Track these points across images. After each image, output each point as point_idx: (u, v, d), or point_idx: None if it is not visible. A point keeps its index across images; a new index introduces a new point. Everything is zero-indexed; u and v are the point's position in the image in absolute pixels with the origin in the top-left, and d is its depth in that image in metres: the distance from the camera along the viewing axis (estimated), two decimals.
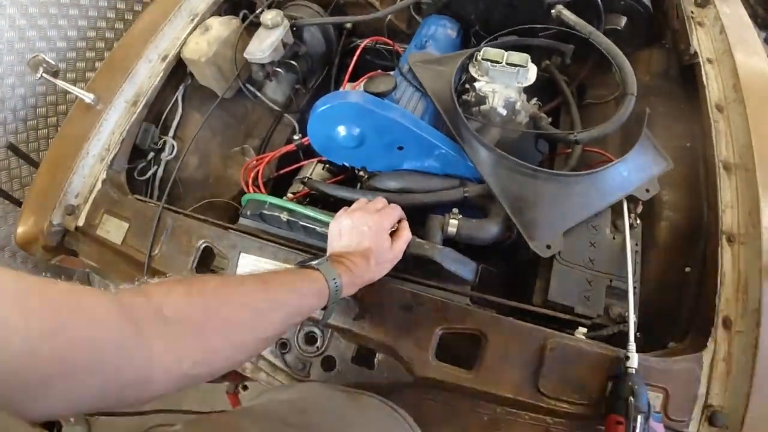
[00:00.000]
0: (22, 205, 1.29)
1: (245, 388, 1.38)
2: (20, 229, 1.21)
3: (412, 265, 0.94)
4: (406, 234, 0.91)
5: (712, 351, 0.84)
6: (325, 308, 0.77)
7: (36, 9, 1.67)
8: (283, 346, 0.99)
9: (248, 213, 1.09)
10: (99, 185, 1.22)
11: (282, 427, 0.60)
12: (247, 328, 0.62)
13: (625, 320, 0.87)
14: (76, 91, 1.26)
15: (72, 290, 0.46)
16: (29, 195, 1.28)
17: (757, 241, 0.89)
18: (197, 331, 0.56)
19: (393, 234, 0.90)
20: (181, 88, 1.44)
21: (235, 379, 1.31)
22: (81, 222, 1.20)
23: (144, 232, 1.11)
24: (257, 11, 1.43)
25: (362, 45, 1.35)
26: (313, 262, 0.78)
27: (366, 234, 0.85)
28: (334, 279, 0.75)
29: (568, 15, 1.17)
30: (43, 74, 1.21)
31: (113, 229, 1.16)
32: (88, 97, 1.27)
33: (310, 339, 0.99)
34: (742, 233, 0.93)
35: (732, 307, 0.87)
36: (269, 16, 1.29)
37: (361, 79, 1.17)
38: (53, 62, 1.23)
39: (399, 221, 0.93)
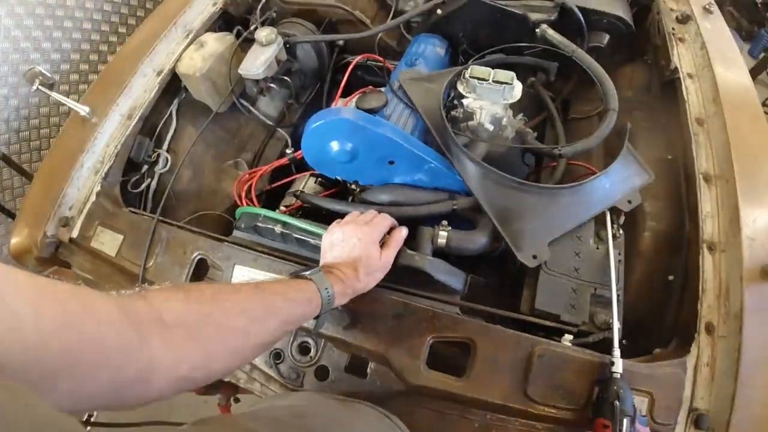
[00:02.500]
0: (15, 217, 1.29)
1: (237, 400, 1.38)
2: (14, 240, 1.21)
3: (403, 276, 0.96)
4: (395, 243, 0.93)
5: (695, 356, 0.86)
6: (318, 317, 0.79)
7: (31, 21, 1.69)
8: (276, 356, 1.00)
9: (242, 225, 1.11)
10: (93, 197, 1.23)
11: (286, 428, 0.62)
12: (243, 334, 0.64)
13: (609, 327, 0.90)
14: (71, 103, 1.28)
15: (79, 290, 0.48)
16: (23, 206, 1.28)
17: (737, 249, 0.92)
18: (195, 335, 0.58)
19: (384, 244, 0.93)
20: (176, 102, 1.46)
21: (227, 391, 1.31)
22: (75, 234, 1.20)
23: (138, 244, 1.12)
24: (251, 28, 1.46)
25: (354, 62, 1.38)
26: (306, 273, 0.80)
27: (356, 245, 0.87)
28: (326, 289, 0.77)
29: (552, 34, 1.21)
30: (39, 86, 1.23)
31: (107, 241, 1.16)
32: (83, 110, 1.28)
33: (304, 349, 1.00)
34: (723, 242, 0.96)
35: (714, 313, 0.90)
36: (263, 34, 1.32)
37: (352, 96, 1.20)
38: (49, 74, 1.25)
39: (391, 230, 0.95)
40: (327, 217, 1.03)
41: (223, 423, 0.61)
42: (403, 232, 0.96)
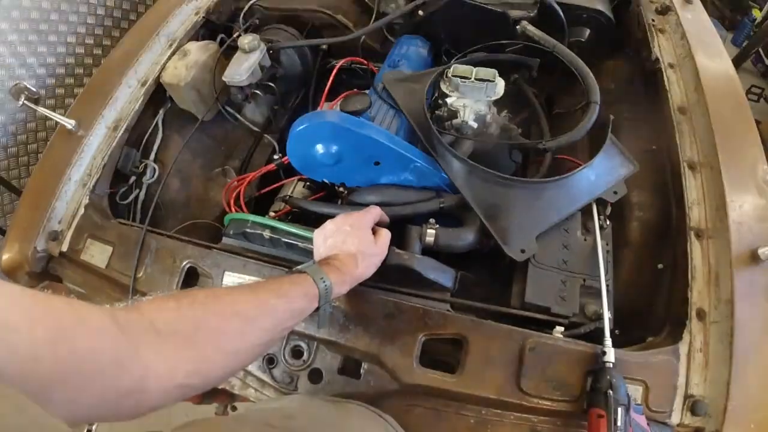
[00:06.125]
0: (5, 233, 1.29)
1: (234, 408, 1.38)
2: (5, 256, 1.21)
3: (393, 275, 0.96)
4: (386, 231, 0.93)
5: (688, 342, 0.87)
6: (317, 310, 0.78)
7: (16, 36, 1.68)
8: (270, 361, 1.00)
9: (231, 232, 1.11)
10: (82, 210, 1.22)
11: (268, 429, 0.62)
12: (238, 336, 0.64)
13: (600, 317, 0.90)
14: (57, 117, 1.27)
15: (72, 303, 0.48)
16: (13, 222, 1.28)
17: (725, 234, 0.93)
18: (188, 341, 0.58)
19: (376, 232, 0.93)
20: (161, 112, 1.45)
21: (224, 399, 1.31)
22: (65, 247, 1.20)
23: (128, 255, 1.12)
24: (234, 35, 1.46)
25: (338, 65, 1.39)
26: (300, 267, 0.80)
27: (348, 232, 0.87)
28: (322, 279, 0.76)
29: (533, 30, 1.22)
30: (25, 101, 1.23)
31: (97, 254, 1.16)
32: (69, 123, 1.27)
33: (297, 353, 1.00)
34: (710, 228, 0.97)
35: (705, 299, 0.91)
36: (246, 41, 1.32)
37: (337, 99, 1.20)
38: (34, 89, 1.24)
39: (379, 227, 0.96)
40: (316, 221, 1.03)
41: (205, 426, 0.60)
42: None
